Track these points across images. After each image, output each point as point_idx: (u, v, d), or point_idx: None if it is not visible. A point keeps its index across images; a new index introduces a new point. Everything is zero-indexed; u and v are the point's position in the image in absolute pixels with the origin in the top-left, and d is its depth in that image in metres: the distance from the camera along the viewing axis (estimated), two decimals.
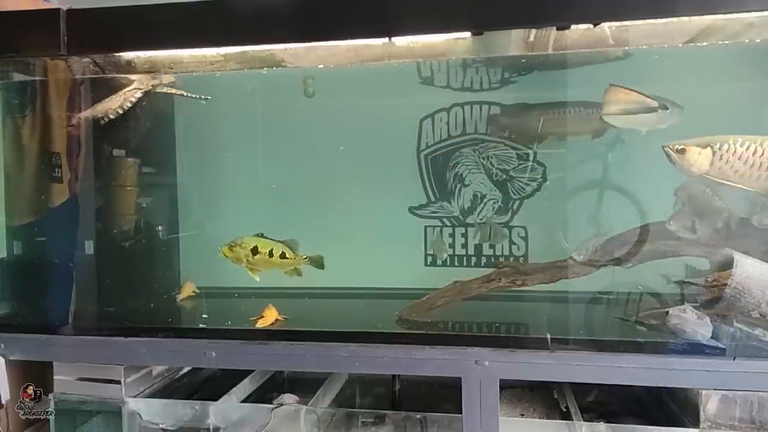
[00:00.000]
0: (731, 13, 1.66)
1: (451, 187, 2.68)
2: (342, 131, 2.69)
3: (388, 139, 2.70)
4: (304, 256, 2.16)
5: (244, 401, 2.12)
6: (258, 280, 2.14)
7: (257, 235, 2.14)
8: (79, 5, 1.95)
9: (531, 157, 2.58)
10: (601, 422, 1.87)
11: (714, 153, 1.74)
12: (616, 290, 2.15)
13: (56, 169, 2.38)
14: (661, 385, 1.74)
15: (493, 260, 2.61)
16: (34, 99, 2.37)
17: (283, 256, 2.13)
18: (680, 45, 1.97)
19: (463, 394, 1.76)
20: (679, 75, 2.15)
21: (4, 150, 2.41)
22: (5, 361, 2.03)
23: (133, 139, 2.58)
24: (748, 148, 1.72)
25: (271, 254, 2.12)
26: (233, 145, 2.83)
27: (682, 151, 1.76)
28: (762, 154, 1.71)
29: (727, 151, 1.74)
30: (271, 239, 2.14)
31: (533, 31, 1.90)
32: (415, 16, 1.78)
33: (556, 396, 2.09)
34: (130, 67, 2.22)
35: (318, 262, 2.18)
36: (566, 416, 1.95)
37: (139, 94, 2.21)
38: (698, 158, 1.75)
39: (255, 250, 2.10)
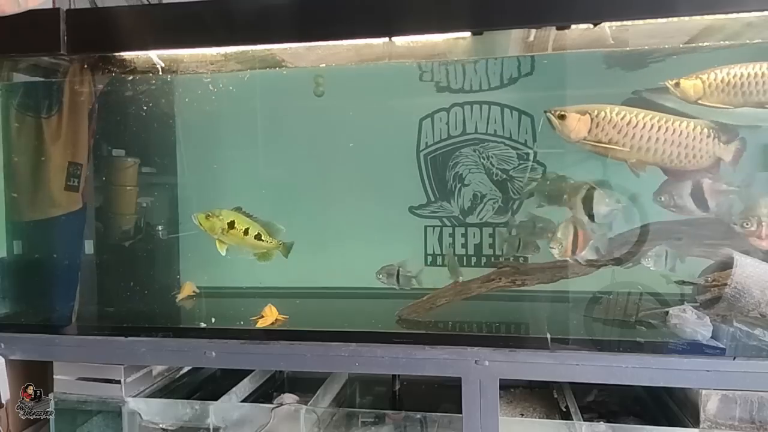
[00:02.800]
0: (731, 13, 1.66)
1: (451, 186, 2.68)
2: (342, 131, 2.69)
3: (388, 138, 2.70)
4: (279, 242, 2.11)
5: (244, 401, 2.12)
6: (224, 254, 2.09)
7: (236, 209, 2.09)
8: None
9: (531, 157, 2.59)
10: (601, 422, 1.87)
11: (592, 120, 1.77)
12: (616, 290, 2.15)
13: (72, 179, 2.38)
14: (661, 385, 1.74)
15: (493, 260, 2.61)
16: (61, 102, 2.38)
17: (258, 237, 2.08)
18: (680, 45, 1.98)
19: (463, 394, 1.76)
20: None
21: (21, 146, 2.41)
22: (5, 361, 2.03)
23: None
24: (623, 118, 1.76)
25: (246, 233, 2.07)
26: (233, 145, 2.83)
27: (562, 117, 1.80)
28: (635, 126, 1.75)
29: (603, 119, 1.77)
30: (249, 215, 2.10)
31: (533, 31, 1.90)
32: (415, 16, 1.78)
33: (556, 396, 2.09)
34: None
35: (288, 250, 2.13)
36: (566, 416, 1.95)
37: None
38: (577, 124, 1.78)
39: (231, 225, 2.05)
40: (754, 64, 1.77)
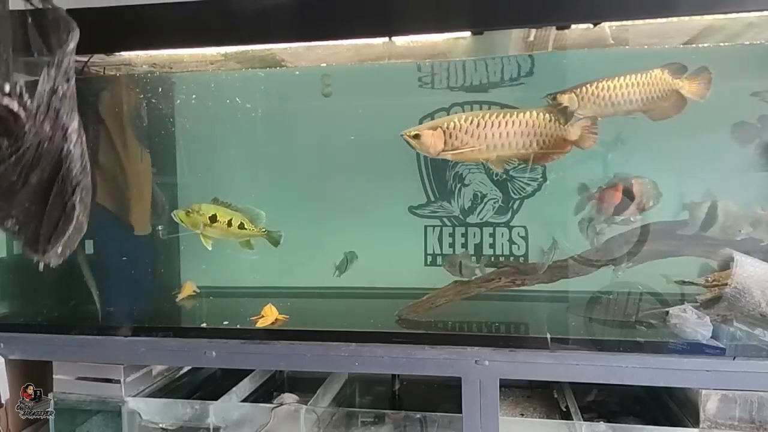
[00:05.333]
0: (731, 13, 1.66)
1: (451, 186, 2.68)
2: (342, 131, 2.68)
3: (387, 138, 2.70)
4: (263, 229, 2.12)
5: (244, 401, 2.12)
6: (210, 248, 2.11)
7: (213, 201, 2.10)
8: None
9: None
10: (601, 422, 1.87)
11: (444, 132, 1.84)
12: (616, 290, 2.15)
13: None
14: (661, 385, 1.74)
15: (493, 260, 2.61)
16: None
17: (241, 226, 2.09)
18: (681, 45, 1.98)
19: (463, 394, 1.76)
20: None
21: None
22: (5, 361, 2.03)
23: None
24: (471, 122, 1.83)
25: (229, 224, 2.08)
26: (232, 145, 2.83)
27: (417, 137, 1.86)
28: (484, 126, 1.82)
29: (454, 128, 1.84)
30: (227, 205, 2.11)
31: (533, 31, 1.90)
32: (415, 16, 1.78)
33: (556, 396, 2.09)
34: None
35: (275, 240, 2.15)
36: (566, 416, 1.95)
37: None
38: (432, 140, 1.84)
39: (213, 219, 2.06)
40: (621, 77, 1.86)
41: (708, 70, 1.87)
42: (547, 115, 1.84)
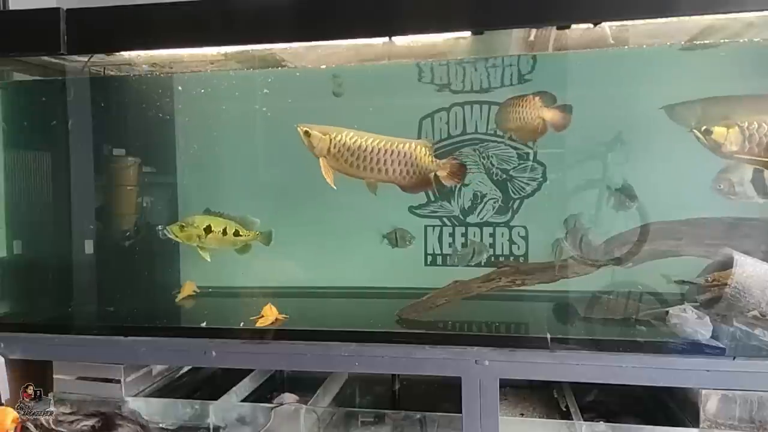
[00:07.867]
0: (731, 13, 1.66)
1: (451, 186, 2.67)
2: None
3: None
4: (257, 232, 2.15)
5: (244, 400, 2.12)
6: (209, 260, 2.14)
7: (205, 212, 2.12)
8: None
9: (531, 157, 2.58)
10: (601, 422, 1.87)
11: (330, 141, 1.88)
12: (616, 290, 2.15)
13: None
14: (661, 385, 1.74)
15: (493, 260, 2.61)
16: None
17: (236, 233, 2.12)
18: (682, 44, 1.98)
19: (462, 394, 1.76)
20: None
21: None
22: (5, 361, 2.03)
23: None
24: (354, 142, 1.87)
25: (224, 233, 2.10)
26: (232, 145, 2.83)
27: (306, 134, 1.90)
28: (365, 150, 1.87)
29: (339, 141, 1.88)
30: (219, 214, 2.14)
31: (533, 31, 1.91)
32: (415, 16, 1.78)
33: (556, 396, 2.09)
34: None
35: (267, 238, 2.18)
36: (566, 416, 1.95)
37: None
38: (319, 143, 1.88)
39: (208, 230, 2.08)
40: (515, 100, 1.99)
41: (570, 107, 1.97)
42: (422, 149, 1.89)
